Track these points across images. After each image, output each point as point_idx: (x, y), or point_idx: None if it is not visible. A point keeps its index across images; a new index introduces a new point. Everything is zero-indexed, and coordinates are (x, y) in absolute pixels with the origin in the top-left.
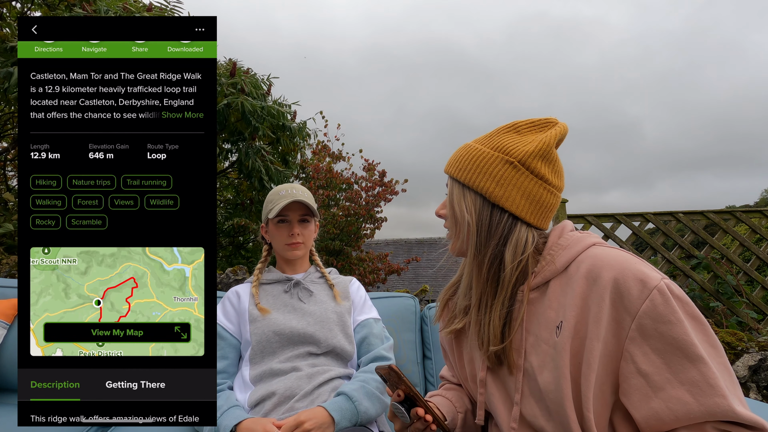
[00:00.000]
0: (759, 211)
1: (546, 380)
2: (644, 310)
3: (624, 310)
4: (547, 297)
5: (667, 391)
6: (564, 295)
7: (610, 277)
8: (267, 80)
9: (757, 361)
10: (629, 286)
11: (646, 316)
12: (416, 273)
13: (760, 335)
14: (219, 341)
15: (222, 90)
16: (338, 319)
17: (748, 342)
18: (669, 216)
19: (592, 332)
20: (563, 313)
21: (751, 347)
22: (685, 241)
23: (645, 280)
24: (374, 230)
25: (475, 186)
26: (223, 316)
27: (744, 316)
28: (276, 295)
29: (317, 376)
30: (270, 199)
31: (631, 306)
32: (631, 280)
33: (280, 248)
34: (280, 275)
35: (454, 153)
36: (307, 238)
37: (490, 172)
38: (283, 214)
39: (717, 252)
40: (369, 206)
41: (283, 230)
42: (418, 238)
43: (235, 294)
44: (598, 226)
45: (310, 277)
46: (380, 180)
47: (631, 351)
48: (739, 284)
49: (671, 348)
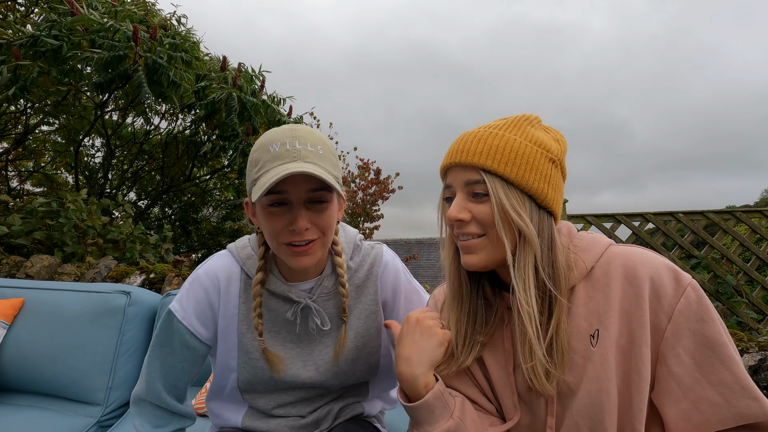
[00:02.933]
0: (759, 211)
1: (582, 397)
2: (679, 308)
3: (661, 310)
4: (575, 305)
5: (696, 391)
6: (594, 301)
7: (646, 275)
8: (260, 74)
9: (757, 361)
10: (665, 283)
11: (680, 314)
12: (416, 273)
13: (760, 335)
14: (178, 350)
15: (212, 85)
16: (362, 349)
17: (748, 342)
18: (669, 216)
19: (638, 337)
20: (598, 321)
21: (751, 347)
22: (685, 241)
23: (678, 277)
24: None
25: (524, 183)
26: (194, 316)
27: (744, 316)
28: (275, 316)
29: (325, 421)
30: (255, 159)
31: (667, 305)
32: (666, 278)
33: (276, 249)
34: (281, 286)
35: (472, 140)
36: (324, 229)
37: (539, 169)
38: (277, 191)
39: (717, 252)
40: (365, 204)
41: (279, 220)
42: (417, 238)
43: (215, 285)
44: (598, 226)
45: (324, 286)
46: (376, 178)
47: (665, 353)
48: (739, 284)
49: (703, 348)
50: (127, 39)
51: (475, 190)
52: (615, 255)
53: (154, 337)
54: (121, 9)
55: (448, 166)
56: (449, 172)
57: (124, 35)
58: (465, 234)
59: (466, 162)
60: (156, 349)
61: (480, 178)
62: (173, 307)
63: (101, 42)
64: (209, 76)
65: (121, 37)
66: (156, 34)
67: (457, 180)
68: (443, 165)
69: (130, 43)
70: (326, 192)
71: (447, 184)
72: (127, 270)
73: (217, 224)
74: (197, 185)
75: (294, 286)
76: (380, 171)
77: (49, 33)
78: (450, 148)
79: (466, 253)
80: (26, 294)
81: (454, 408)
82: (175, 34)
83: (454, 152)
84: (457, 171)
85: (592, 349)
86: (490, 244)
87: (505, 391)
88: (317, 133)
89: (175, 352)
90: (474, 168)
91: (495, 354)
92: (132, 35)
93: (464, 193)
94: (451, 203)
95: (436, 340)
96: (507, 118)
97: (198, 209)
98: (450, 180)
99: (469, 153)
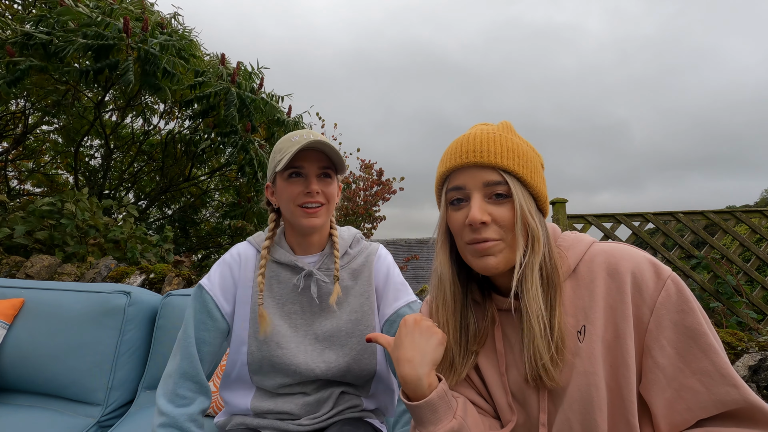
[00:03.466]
0: (759, 211)
1: (572, 393)
2: (661, 300)
3: (643, 303)
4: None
5: (679, 380)
6: (579, 298)
7: (627, 269)
8: (258, 71)
9: (757, 361)
10: (646, 277)
11: (662, 306)
12: (416, 273)
13: (760, 335)
14: (203, 320)
15: (209, 81)
16: (356, 325)
17: (748, 342)
18: (669, 216)
19: (623, 330)
20: (584, 317)
21: (751, 347)
22: (685, 241)
23: (658, 270)
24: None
25: (534, 186)
26: (219, 289)
27: (744, 316)
28: (283, 286)
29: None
30: (279, 148)
31: (649, 298)
32: (646, 271)
33: (292, 213)
34: (289, 257)
35: (487, 140)
36: (329, 197)
37: (539, 172)
38: (296, 165)
39: (717, 252)
40: (367, 205)
41: (296, 186)
42: (418, 238)
43: (237, 262)
44: (599, 226)
45: (326, 262)
46: (378, 179)
47: (650, 345)
48: (739, 284)
49: (684, 338)
50: (117, 31)
51: (496, 191)
52: (598, 252)
53: (187, 313)
54: (118, 7)
55: (459, 166)
56: (460, 173)
57: (114, 28)
58: (484, 237)
59: (486, 162)
60: (189, 321)
61: (501, 179)
62: (203, 282)
63: (91, 34)
64: (207, 72)
65: (112, 30)
66: (147, 26)
67: (473, 181)
68: (450, 166)
69: (121, 34)
70: (331, 170)
71: (456, 186)
72: (127, 270)
73: (217, 224)
74: (197, 185)
75: (300, 258)
76: (382, 172)
77: (36, 27)
78: (457, 149)
79: (484, 256)
80: (26, 294)
81: (456, 408)
82: (172, 32)
83: (468, 152)
84: (473, 172)
85: (580, 345)
86: (507, 247)
87: (498, 392)
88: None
89: (204, 322)
90: (493, 168)
91: (487, 356)
92: (123, 27)
93: (482, 194)
94: (459, 206)
95: (436, 340)
96: (490, 124)
97: (197, 210)
98: (462, 181)
99: (489, 153)
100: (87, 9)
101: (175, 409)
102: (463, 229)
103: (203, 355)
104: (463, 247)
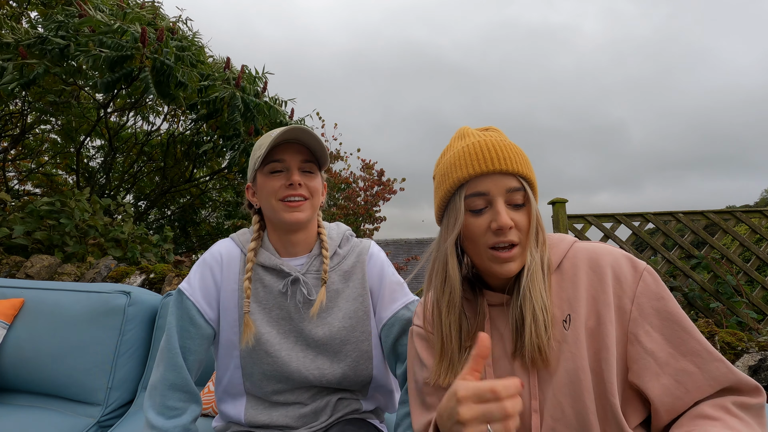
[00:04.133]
0: (759, 211)
1: (561, 377)
2: (640, 290)
3: (624, 294)
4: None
5: (672, 365)
6: (563, 290)
7: (607, 263)
8: (262, 76)
9: (757, 361)
10: (624, 270)
11: (642, 295)
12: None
13: (760, 335)
14: (186, 327)
15: (215, 85)
16: (351, 331)
17: (748, 342)
18: (669, 216)
19: (603, 316)
20: (568, 306)
21: (751, 347)
22: (685, 241)
23: (634, 263)
24: (373, 231)
25: (536, 191)
26: (200, 294)
27: (744, 316)
28: (268, 291)
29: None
30: (259, 145)
31: (629, 289)
32: (624, 265)
33: (273, 208)
34: (274, 260)
35: (502, 148)
36: (312, 191)
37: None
38: (276, 159)
39: (717, 252)
40: (367, 205)
41: (277, 180)
42: (418, 238)
43: (219, 262)
44: (598, 226)
45: (314, 263)
46: (378, 179)
47: (635, 332)
48: (739, 284)
49: (667, 323)
50: (134, 40)
51: (515, 197)
52: (580, 249)
53: (168, 320)
54: (130, 11)
55: (483, 173)
56: (483, 179)
57: (131, 37)
58: (510, 241)
59: (509, 169)
60: (172, 329)
61: (520, 185)
62: (182, 286)
63: (109, 42)
64: (213, 75)
65: (129, 39)
66: (163, 36)
67: (497, 187)
68: (472, 172)
69: (137, 44)
70: (314, 165)
71: (479, 192)
72: (127, 270)
73: (217, 224)
74: (197, 186)
75: (285, 261)
76: (383, 172)
77: (56, 33)
78: (478, 156)
79: (506, 261)
80: (26, 294)
81: None
82: (182, 37)
83: (493, 159)
84: (497, 178)
85: (566, 332)
86: (523, 251)
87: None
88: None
89: (187, 330)
90: (513, 176)
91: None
92: (140, 37)
93: (503, 200)
94: (480, 213)
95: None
96: (488, 127)
97: (197, 211)
98: (486, 187)
99: (510, 161)
100: (105, 16)
101: (166, 421)
102: (485, 234)
103: (190, 363)
104: (482, 252)
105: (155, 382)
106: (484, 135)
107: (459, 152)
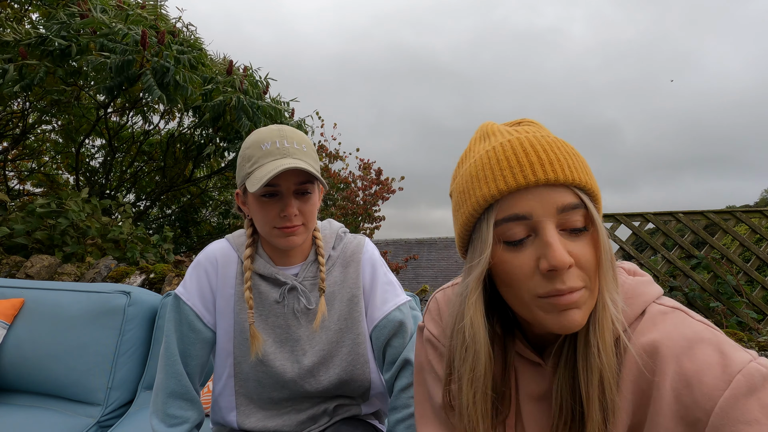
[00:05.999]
0: (759, 211)
1: None
2: (721, 405)
3: (694, 404)
4: None
5: None
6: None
7: (672, 354)
8: (264, 80)
9: None
10: (701, 369)
11: (722, 412)
12: (416, 273)
13: (760, 335)
14: (185, 332)
15: (218, 88)
16: (346, 333)
17: (748, 342)
18: (669, 216)
19: (652, 421)
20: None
21: (751, 347)
22: (685, 241)
23: (726, 362)
24: (373, 230)
25: (600, 211)
26: (197, 298)
27: (744, 316)
28: (264, 299)
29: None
30: (248, 155)
31: (704, 400)
32: (703, 361)
33: (267, 233)
34: (269, 269)
35: (551, 147)
36: (308, 216)
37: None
38: (270, 184)
39: (717, 252)
40: (366, 205)
41: (271, 208)
42: (417, 238)
43: (214, 266)
44: None
45: (309, 270)
46: (377, 179)
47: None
48: (739, 284)
49: None
50: (135, 43)
51: (573, 219)
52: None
53: (166, 326)
54: (132, 13)
55: (519, 187)
56: (521, 196)
57: (132, 39)
58: (570, 287)
59: (560, 179)
60: (170, 336)
61: (578, 201)
62: (179, 291)
63: (111, 46)
64: (216, 79)
65: (130, 41)
66: (164, 39)
67: (544, 207)
68: (504, 187)
69: (138, 47)
70: (310, 184)
71: (518, 215)
72: (127, 270)
73: (217, 224)
74: (197, 185)
75: (281, 269)
76: (381, 171)
77: (57, 34)
78: (512, 162)
79: (568, 309)
80: (26, 294)
81: None
82: (183, 40)
83: (530, 166)
84: (541, 194)
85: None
86: (591, 296)
87: None
88: (299, 132)
89: (186, 335)
90: (567, 187)
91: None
92: (141, 39)
93: (554, 225)
94: (520, 246)
95: None
96: (520, 120)
97: (197, 210)
98: (528, 208)
99: (560, 165)
100: (107, 18)
101: (168, 429)
102: (530, 278)
103: (191, 369)
104: (530, 301)
105: (157, 389)
106: (517, 131)
107: (482, 159)
